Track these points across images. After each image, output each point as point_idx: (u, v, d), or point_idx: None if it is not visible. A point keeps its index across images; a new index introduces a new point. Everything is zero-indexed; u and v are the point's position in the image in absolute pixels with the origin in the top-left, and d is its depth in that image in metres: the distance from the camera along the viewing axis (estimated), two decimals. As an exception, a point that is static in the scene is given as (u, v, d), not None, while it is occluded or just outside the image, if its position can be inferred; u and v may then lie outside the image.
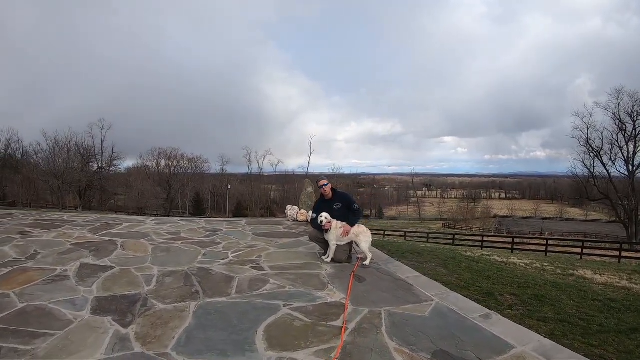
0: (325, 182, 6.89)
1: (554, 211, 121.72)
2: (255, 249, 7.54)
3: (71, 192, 57.35)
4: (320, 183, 6.90)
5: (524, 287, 7.15)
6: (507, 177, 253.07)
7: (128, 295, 4.82)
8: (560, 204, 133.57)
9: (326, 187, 6.87)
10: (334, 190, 7.02)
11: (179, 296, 4.83)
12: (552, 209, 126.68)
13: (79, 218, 11.56)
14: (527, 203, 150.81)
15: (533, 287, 7.27)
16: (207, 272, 5.87)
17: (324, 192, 6.89)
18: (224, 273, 5.83)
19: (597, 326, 4.95)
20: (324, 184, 6.86)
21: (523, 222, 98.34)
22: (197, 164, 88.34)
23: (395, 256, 8.63)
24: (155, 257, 6.74)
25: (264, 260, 6.64)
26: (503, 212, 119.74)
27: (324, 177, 7.15)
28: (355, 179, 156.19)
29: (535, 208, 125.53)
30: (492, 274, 8.23)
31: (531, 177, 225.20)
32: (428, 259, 9.02)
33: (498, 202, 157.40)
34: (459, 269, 8.37)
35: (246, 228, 9.98)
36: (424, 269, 7.60)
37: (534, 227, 76.99)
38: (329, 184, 6.93)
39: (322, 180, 6.93)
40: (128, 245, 7.50)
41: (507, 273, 8.80)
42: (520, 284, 7.40)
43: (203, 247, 7.63)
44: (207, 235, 8.85)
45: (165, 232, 9.15)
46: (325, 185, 6.86)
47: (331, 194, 6.94)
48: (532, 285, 7.45)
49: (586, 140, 43.22)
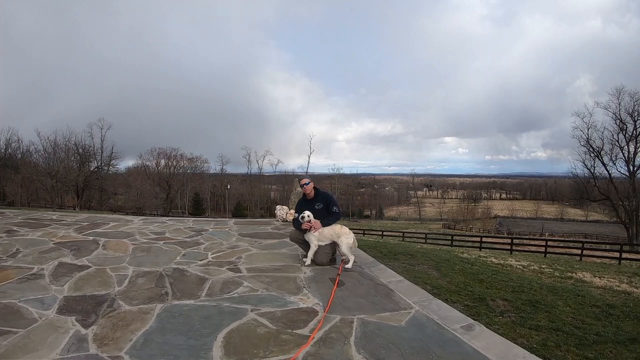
0: (306, 181, 6.63)
1: (554, 212, 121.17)
2: (237, 250, 7.27)
3: (69, 192, 57.33)
4: (302, 182, 6.64)
5: (518, 292, 6.91)
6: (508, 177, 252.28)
7: (97, 295, 4.66)
8: (561, 204, 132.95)
9: (307, 187, 6.61)
10: (316, 190, 6.78)
11: (146, 297, 4.61)
12: (553, 210, 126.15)
13: (68, 217, 11.41)
14: (528, 203, 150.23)
15: (528, 291, 7.04)
16: (182, 273, 5.60)
17: (306, 192, 6.66)
18: (198, 274, 5.55)
19: (593, 335, 4.66)
20: (305, 183, 6.60)
21: (523, 222, 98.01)
22: (196, 163, 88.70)
23: (386, 258, 8.41)
24: (134, 257, 6.55)
25: (242, 262, 6.36)
26: (503, 213, 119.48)
27: (305, 176, 6.99)
28: (355, 179, 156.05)
29: (535, 209, 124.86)
30: (486, 277, 7.98)
31: (532, 178, 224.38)
32: (421, 261, 8.76)
33: (499, 203, 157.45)
34: (452, 272, 8.11)
35: (233, 228, 9.72)
36: (414, 272, 7.34)
37: (534, 228, 76.67)
38: (310, 182, 6.66)
39: (304, 179, 6.66)
40: (110, 245, 7.34)
41: (502, 276, 8.54)
42: (514, 288, 7.16)
43: (184, 247, 7.38)
44: (191, 236, 8.59)
45: (150, 231, 8.95)
46: (307, 184, 6.60)
47: (313, 193, 6.70)
48: (527, 289, 7.20)
49: (586, 141, 42.97)
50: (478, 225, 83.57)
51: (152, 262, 6.22)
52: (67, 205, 55.50)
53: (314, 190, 6.71)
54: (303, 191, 6.70)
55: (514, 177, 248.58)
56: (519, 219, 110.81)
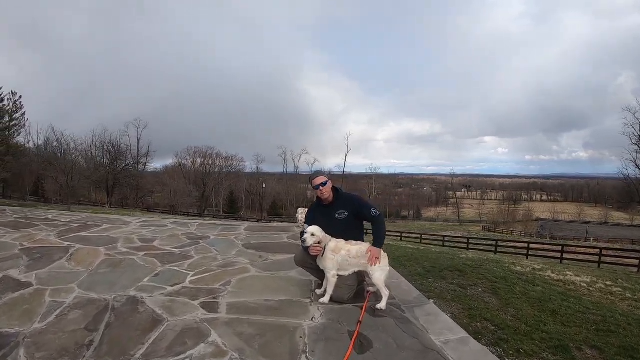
0: (323, 179, 4.41)
1: (598, 215, 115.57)
2: (230, 270, 5.39)
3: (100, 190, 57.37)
4: (315, 181, 4.42)
5: (604, 331, 5.24)
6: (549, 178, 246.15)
7: (4, 334, 3.36)
8: (605, 207, 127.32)
9: (324, 188, 4.40)
10: (336, 192, 4.55)
11: (59, 349, 3.14)
12: (596, 213, 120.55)
13: (64, 217, 10.10)
14: (570, 206, 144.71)
15: (616, 330, 5.37)
16: (134, 308, 3.96)
17: (322, 196, 4.47)
18: (155, 311, 3.86)
19: None
20: (321, 183, 4.39)
21: (566, 226, 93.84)
22: (232, 162, 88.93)
23: (430, 276, 6.84)
24: (94, 274, 5.11)
25: (228, 292, 4.51)
26: (545, 215, 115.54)
27: (321, 172, 4.61)
28: (393, 179, 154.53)
29: (578, 211, 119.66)
30: (557, 306, 6.25)
31: (573, 179, 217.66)
32: (472, 280, 7.04)
33: (539, 205, 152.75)
34: (514, 297, 6.35)
35: (241, 236, 7.91)
36: (468, 300, 5.62)
37: (578, 232, 72.69)
38: (328, 182, 4.46)
39: (318, 176, 4.45)
40: (78, 255, 5.99)
41: (574, 302, 6.79)
42: (597, 324, 5.50)
43: (165, 262, 5.72)
44: (183, 245, 6.94)
45: (139, 238, 7.45)
46: (324, 184, 4.39)
47: (332, 196, 4.51)
48: (613, 325, 5.56)
49: (639, 138, 39.75)
50: (519, 228, 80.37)
51: (109, 283, 4.71)
52: (100, 202, 55.55)
53: (334, 191, 4.53)
54: (317, 195, 4.53)
55: (555, 178, 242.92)
56: (561, 222, 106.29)
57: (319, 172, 4.52)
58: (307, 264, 4.51)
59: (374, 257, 4.05)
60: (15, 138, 56.37)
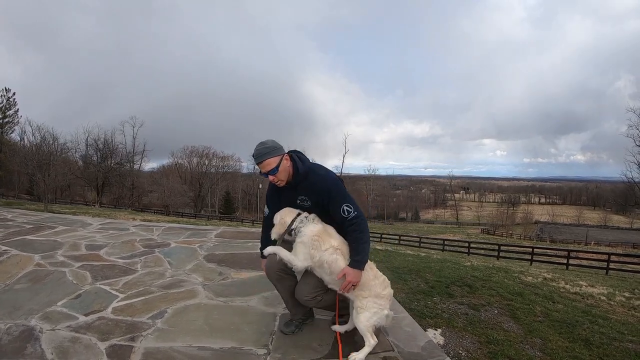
0: (272, 164, 2.82)
1: (597, 218, 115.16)
2: (171, 294, 4.05)
3: (90, 188, 56.11)
4: (263, 168, 2.86)
5: None
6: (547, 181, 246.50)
7: None
8: (604, 210, 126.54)
9: (275, 176, 2.86)
10: (296, 169, 2.93)
11: None
12: (595, 216, 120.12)
13: (24, 217, 8.94)
14: (569, 209, 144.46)
15: None
16: (22, 346, 2.80)
17: (276, 183, 2.94)
18: (44, 355, 2.68)
19: None
20: (270, 171, 2.84)
21: (566, 229, 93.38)
22: (229, 162, 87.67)
23: (435, 293, 5.74)
24: (7, 290, 4.07)
25: (156, 329, 3.20)
26: (544, 218, 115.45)
27: (269, 147, 2.82)
28: (391, 180, 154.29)
29: (577, 214, 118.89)
30: (587, 332, 5.10)
31: (572, 182, 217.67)
32: (485, 299, 5.87)
33: (538, 207, 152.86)
34: (536, 321, 5.20)
35: (206, 244, 6.45)
36: (484, 330, 4.44)
37: (577, 235, 71.99)
38: (283, 161, 2.86)
39: (265, 159, 2.80)
40: (6, 264, 4.94)
41: (604, 325, 5.61)
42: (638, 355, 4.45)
43: (98, 277, 4.49)
44: (134, 254, 5.65)
45: (88, 243, 6.21)
46: (274, 172, 2.84)
47: (291, 175, 2.95)
48: None
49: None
50: (518, 230, 79.78)
51: (13, 306, 3.60)
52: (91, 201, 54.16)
53: (293, 168, 2.93)
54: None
55: (553, 181, 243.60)
56: (561, 225, 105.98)
57: (265, 148, 2.82)
58: (279, 275, 3.03)
59: (350, 283, 2.68)
60: (9, 134, 55.45)
